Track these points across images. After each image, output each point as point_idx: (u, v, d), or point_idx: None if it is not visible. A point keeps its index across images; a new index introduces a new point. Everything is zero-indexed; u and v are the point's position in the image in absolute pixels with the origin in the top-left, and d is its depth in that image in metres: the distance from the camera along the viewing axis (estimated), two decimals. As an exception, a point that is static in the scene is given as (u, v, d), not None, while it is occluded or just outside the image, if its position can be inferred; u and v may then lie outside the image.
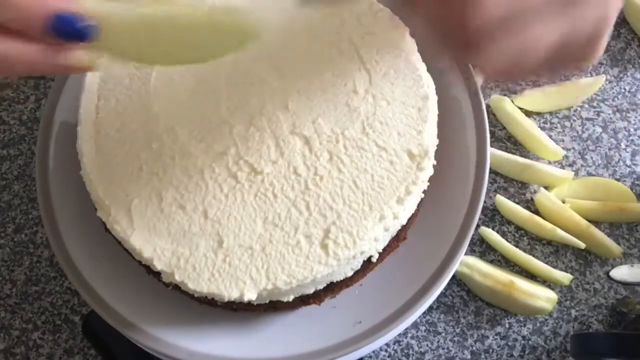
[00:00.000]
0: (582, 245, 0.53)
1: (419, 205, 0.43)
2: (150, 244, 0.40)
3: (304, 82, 0.44)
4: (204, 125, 0.43)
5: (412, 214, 0.42)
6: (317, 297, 0.43)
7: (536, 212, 0.55)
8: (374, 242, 0.40)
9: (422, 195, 0.43)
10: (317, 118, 0.43)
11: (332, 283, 0.41)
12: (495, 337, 0.52)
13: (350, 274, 0.41)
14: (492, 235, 0.54)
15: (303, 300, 0.42)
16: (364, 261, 0.41)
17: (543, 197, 0.55)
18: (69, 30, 0.25)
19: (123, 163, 0.42)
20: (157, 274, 0.41)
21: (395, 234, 0.42)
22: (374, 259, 0.41)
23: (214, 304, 0.42)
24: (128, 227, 0.41)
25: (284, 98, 0.44)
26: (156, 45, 0.27)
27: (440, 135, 0.44)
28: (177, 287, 0.41)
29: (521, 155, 0.57)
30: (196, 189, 0.41)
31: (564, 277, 0.52)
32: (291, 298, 0.40)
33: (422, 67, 0.45)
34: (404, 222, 0.41)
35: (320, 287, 0.41)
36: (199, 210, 0.41)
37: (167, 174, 0.42)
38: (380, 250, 0.41)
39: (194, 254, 0.40)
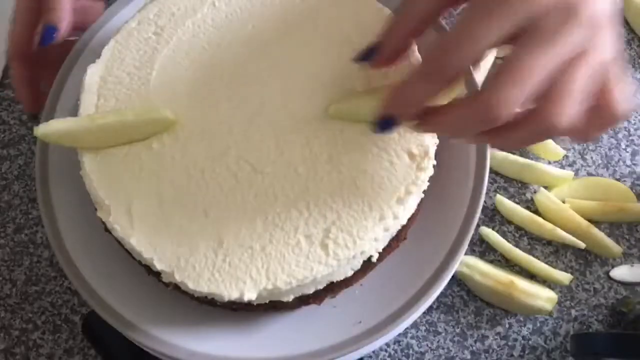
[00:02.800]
0: (582, 245, 0.53)
1: (419, 205, 0.43)
2: (151, 244, 0.40)
3: (304, 82, 0.44)
4: (204, 125, 0.43)
5: (412, 214, 0.42)
6: (317, 297, 0.43)
7: (536, 212, 0.55)
8: (374, 242, 0.40)
9: (422, 195, 0.43)
10: (318, 118, 0.43)
11: (332, 283, 0.41)
12: (495, 337, 0.52)
13: (350, 274, 0.41)
14: (492, 235, 0.54)
15: (303, 300, 0.42)
16: (364, 261, 0.41)
17: (543, 197, 0.55)
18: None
19: (123, 163, 0.42)
20: (157, 274, 0.41)
21: (395, 234, 0.42)
22: (374, 259, 0.41)
23: (214, 303, 0.42)
24: (128, 228, 0.40)
25: (284, 98, 0.44)
26: (107, 138, 0.42)
27: (440, 135, 0.44)
28: (177, 287, 0.41)
29: (521, 155, 0.57)
30: (196, 188, 0.41)
31: (564, 277, 0.52)
32: (291, 298, 0.40)
33: None
34: (404, 222, 0.41)
35: (320, 287, 0.41)
36: (199, 210, 0.41)
37: (167, 174, 0.42)
38: (380, 250, 0.41)
39: (194, 254, 0.40)
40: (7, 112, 0.61)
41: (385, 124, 0.36)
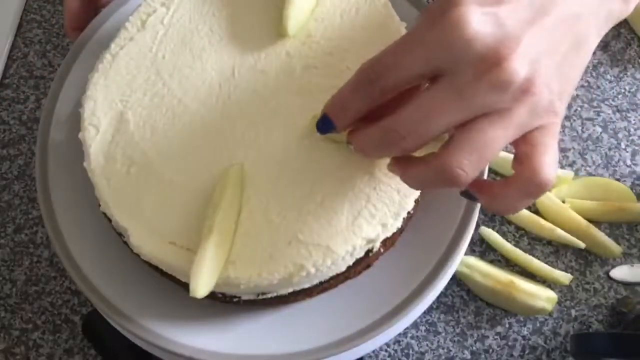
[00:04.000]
0: (582, 245, 0.53)
1: (416, 202, 0.43)
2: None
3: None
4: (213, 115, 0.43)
5: (410, 212, 0.42)
6: (314, 290, 0.43)
7: (536, 212, 0.55)
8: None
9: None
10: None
11: (331, 277, 0.41)
12: (495, 337, 0.52)
13: (351, 262, 0.41)
14: (492, 235, 0.54)
15: (307, 293, 0.42)
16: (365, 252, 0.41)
17: (543, 197, 0.55)
18: None
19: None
20: (158, 268, 0.41)
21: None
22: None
23: (217, 298, 0.42)
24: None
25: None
26: None
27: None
28: (175, 280, 0.41)
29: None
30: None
31: (564, 276, 0.52)
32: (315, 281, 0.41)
33: None
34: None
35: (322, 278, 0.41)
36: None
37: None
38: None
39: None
40: (7, 112, 0.61)
41: (323, 124, 0.37)
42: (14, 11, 0.65)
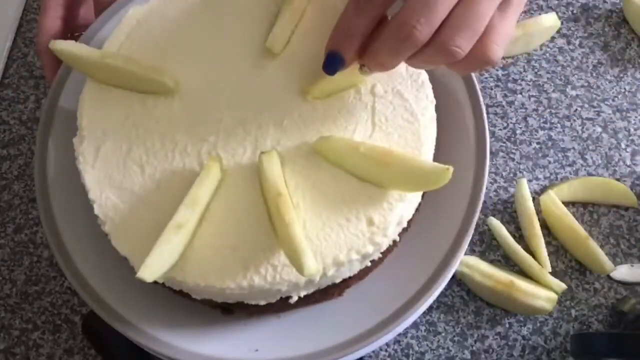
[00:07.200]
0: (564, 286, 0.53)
1: (418, 206, 0.43)
2: (100, 188, 0.42)
3: (309, 108, 0.43)
4: (198, 107, 0.44)
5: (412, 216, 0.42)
6: (322, 294, 0.43)
7: (539, 212, 0.55)
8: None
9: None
10: (303, 145, 0.42)
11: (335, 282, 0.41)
12: (495, 337, 0.52)
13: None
14: (497, 226, 0.54)
15: (305, 301, 0.42)
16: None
17: (549, 200, 0.54)
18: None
19: (116, 103, 0.44)
20: None
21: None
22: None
23: (211, 304, 0.42)
24: (89, 164, 0.42)
25: (282, 114, 0.43)
26: (111, 77, 0.44)
27: (440, 136, 0.44)
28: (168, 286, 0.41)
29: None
30: (163, 158, 0.42)
31: (558, 285, 0.52)
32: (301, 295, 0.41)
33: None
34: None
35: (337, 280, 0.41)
36: (155, 178, 0.42)
37: (145, 133, 0.43)
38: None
39: (132, 214, 0.41)
40: (7, 112, 0.61)
41: (330, 63, 0.37)
42: (14, 11, 0.65)
